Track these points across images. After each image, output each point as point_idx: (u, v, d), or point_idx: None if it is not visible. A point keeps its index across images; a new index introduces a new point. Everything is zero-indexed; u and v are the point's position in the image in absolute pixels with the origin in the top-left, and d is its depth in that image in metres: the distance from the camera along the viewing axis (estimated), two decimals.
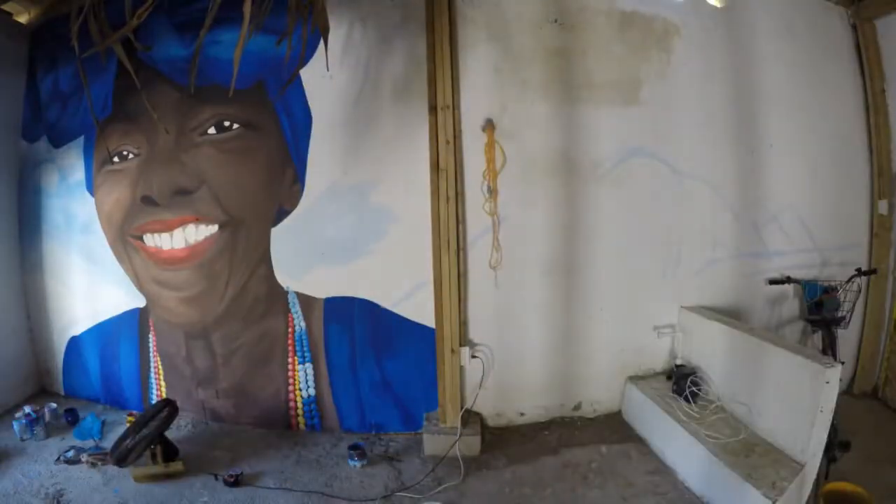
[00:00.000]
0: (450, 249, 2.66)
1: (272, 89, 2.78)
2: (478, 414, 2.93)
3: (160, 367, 3.20)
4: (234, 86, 2.10)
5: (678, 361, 2.88)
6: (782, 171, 3.06)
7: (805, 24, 3.07)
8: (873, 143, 3.20)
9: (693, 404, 2.60)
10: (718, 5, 2.88)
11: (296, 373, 2.98)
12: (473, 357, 2.87)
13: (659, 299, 3.01)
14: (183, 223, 2.93)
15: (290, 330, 2.95)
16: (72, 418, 3.12)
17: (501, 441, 2.85)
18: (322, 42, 2.30)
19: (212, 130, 2.85)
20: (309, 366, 2.96)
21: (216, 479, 2.53)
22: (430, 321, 2.81)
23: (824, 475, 2.23)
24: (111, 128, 3.00)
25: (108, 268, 3.20)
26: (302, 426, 3.03)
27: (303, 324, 2.93)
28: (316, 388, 2.98)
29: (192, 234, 2.93)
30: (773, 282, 2.94)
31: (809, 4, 3.11)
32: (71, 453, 2.73)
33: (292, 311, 2.93)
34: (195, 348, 3.08)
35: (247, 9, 1.89)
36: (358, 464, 2.64)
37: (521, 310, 2.92)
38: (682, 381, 2.67)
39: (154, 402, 3.08)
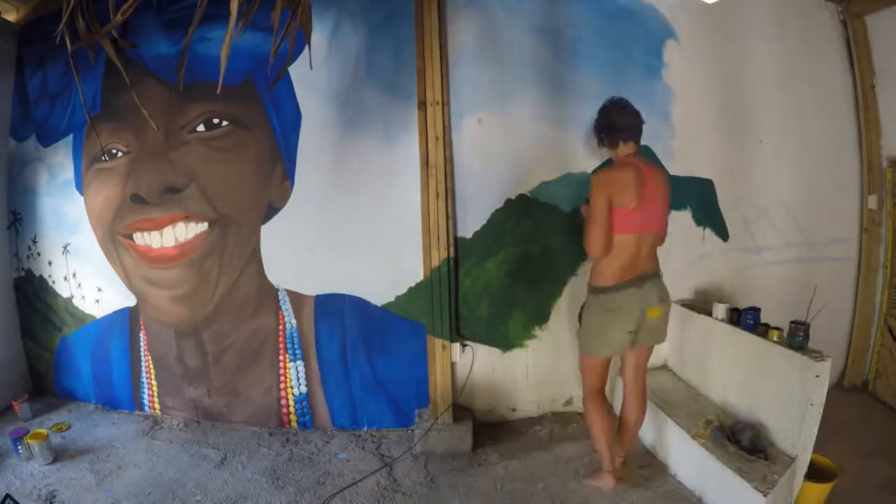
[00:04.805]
0: (440, 245, 2.66)
1: (261, 86, 2.77)
2: (469, 409, 2.92)
3: (151, 366, 3.19)
4: (221, 84, 2.08)
5: (668, 356, 2.89)
6: (772, 167, 3.06)
7: (796, 21, 3.07)
8: (863, 138, 3.21)
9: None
10: (709, 1, 2.89)
11: (287, 370, 2.97)
12: (463, 349, 2.87)
13: None
14: (172, 221, 2.91)
15: (280, 327, 2.94)
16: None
17: (493, 436, 2.85)
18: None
19: (201, 128, 2.84)
20: (300, 363, 2.95)
21: None
22: (420, 317, 2.81)
23: None
24: (100, 126, 2.97)
25: (97, 267, 3.19)
26: (294, 424, 3.03)
27: (293, 321, 2.92)
28: (307, 385, 2.97)
29: (181, 233, 2.91)
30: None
31: (800, 1, 3.12)
32: None
33: (283, 308, 2.93)
34: (186, 347, 3.07)
35: (233, 6, 1.87)
36: None
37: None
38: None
39: None
